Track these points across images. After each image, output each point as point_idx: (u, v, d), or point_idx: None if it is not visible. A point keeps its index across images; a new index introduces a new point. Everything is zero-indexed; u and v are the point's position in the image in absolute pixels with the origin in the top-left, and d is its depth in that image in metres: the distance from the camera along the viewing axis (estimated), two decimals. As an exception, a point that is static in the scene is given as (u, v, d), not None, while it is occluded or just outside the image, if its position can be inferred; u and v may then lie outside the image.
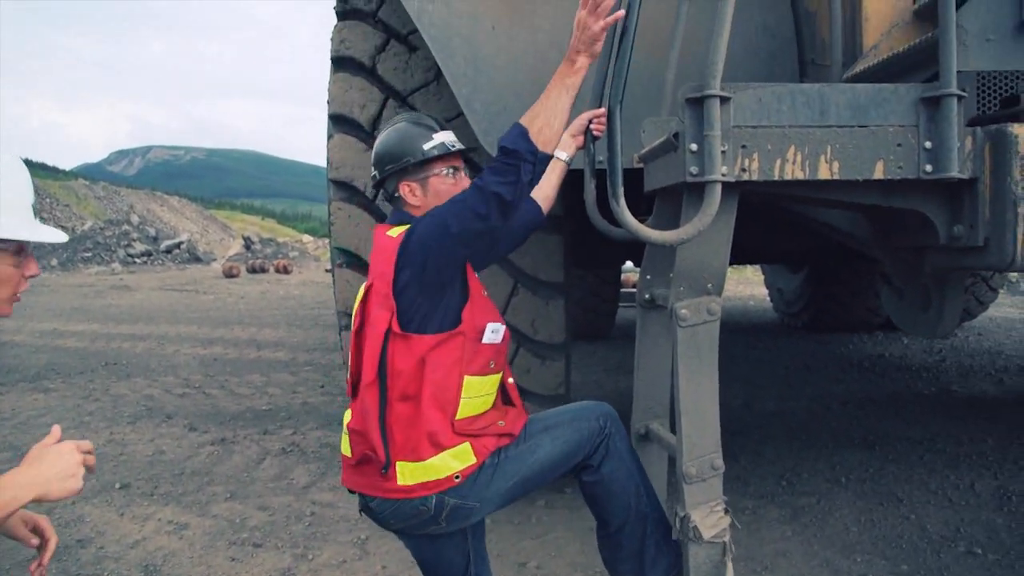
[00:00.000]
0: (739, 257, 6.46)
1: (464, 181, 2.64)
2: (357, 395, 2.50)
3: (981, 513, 4.48)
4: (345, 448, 2.57)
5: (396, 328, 2.39)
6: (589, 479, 2.66)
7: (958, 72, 2.25)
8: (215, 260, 36.17)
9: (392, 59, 4.04)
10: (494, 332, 2.49)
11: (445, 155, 2.58)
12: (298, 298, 19.68)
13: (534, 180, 2.38)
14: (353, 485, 2.57)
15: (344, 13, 4.18)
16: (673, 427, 2.53)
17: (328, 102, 4.16)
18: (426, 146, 2.56)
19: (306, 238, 49.21)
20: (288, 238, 51.43)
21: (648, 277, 2.81)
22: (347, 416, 2.58)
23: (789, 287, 11.77)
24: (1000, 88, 2.81)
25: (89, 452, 1.77)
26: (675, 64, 2.85)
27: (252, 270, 29.75)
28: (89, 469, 1.75)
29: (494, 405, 2.59)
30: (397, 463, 2.42)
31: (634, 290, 3.10)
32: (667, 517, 2.69)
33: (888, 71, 2.73)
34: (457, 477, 2.41)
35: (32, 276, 1.87)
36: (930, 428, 6.15)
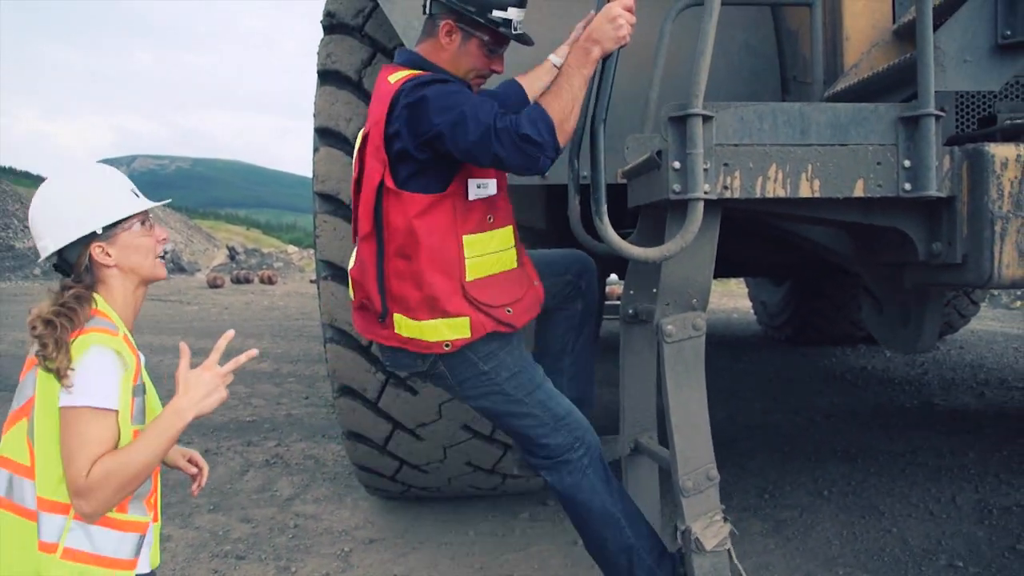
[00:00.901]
0: (722, 270, 6.51)
1: (499, 64, 2.64)
2: (356, 244, 2.58)
3: (962, 526, 4.51)
4: (350, 292, 2.67)
5: (389, 183, 2.41)
6: (556, 487, 2.69)
7: (936, 92, 2.29)
8: (199, 270, 36.04)
9: (378, 73, 4.07)
10: (480, 187, 2.50)
11: (501, 29, 2.53)
12: (282, 309, 19.64)
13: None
14: (358, 328, 2.66)
15: (331, 27, 4.20)
16: (662, 439, 2.55)
17: (314, 115, 4.17)
18: (497, 13, 2.50)
19: (291, 249, 49.13)
20: (273, 248, 51.32)
21: (631, 292, 2.83)
22: (351, 261, 2.66)
23: (773, 300, 11.81)
24: (977, 108, 2.86)
25: (227, 374, 2.13)
26: (658, 82, 2.88)
27: (237, 280, 29.64)
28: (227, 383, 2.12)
29: (519, 264, 2.61)
30: (394, 315, 2.49)
31: (617, 302, 3.12)
32: (655, 535, 2.72)
33: (868, 90, 2.77)
34: (447, 346, 2.47)
35: (163, 240, 2.21)
36: (912, 441, 6.19)
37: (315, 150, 4.16)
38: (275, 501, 5.19)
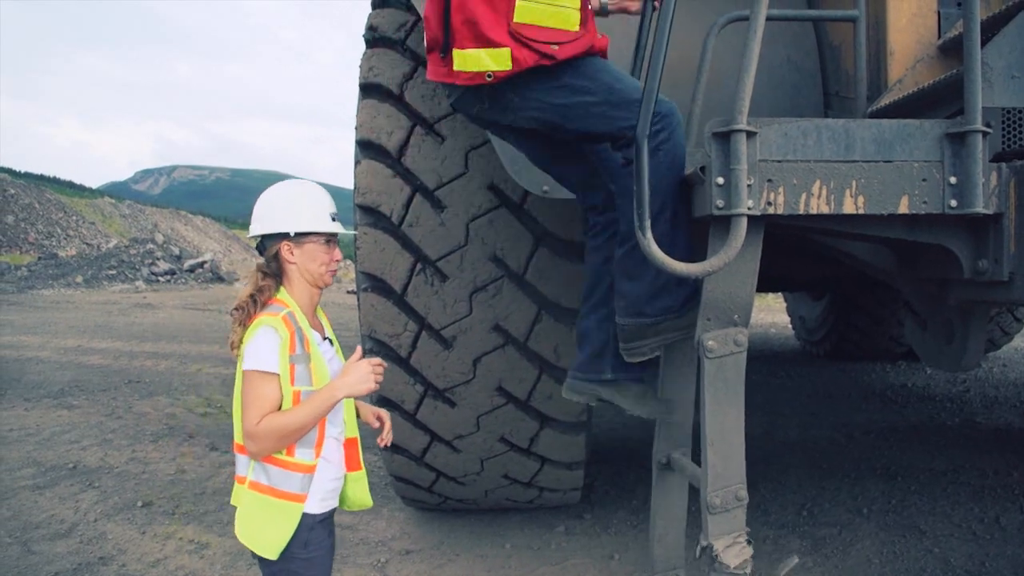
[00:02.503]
0: (761, 285, 6.48)
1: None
2: None
3: (1007, 547, 4.44)
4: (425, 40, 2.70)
5: None
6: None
7: (983, 108, 2.27)
8: (238, 280, 36.37)
9: (420, 86, 4.09)
10: None
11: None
12: (319, 319, 19.77)
13: None
14: (429, 74, 2.70)
15: (373, 41, 4.24)
16: (695, 457, 2.54)
17: (356, 128, 4.21)
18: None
19: (328, 259, 49.37)
20: (310, 258, 51.58)
21: (673, 307, 2.82)
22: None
23: (811, 315, 11.71)
24: (1025, 124, 2.83)
25: (379, 366, 2.56)
26: (702, 97, 2.88)
27: (274, 290, 29.85)
28: (377, 378, 2.55)
29: (581, 26, 2.54)
30: (453, 50, 2.53)
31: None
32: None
33: (913, 106, 2.75)
34: (489, 76, 2.48)
35: (337, 260, 2.69)
36: (954, 460, 6.11)
37: (356, 163, 4.19)
38: (312, 510, 5.22)
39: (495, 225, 3.92)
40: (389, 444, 2.99)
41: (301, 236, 2.58)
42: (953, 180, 2.31)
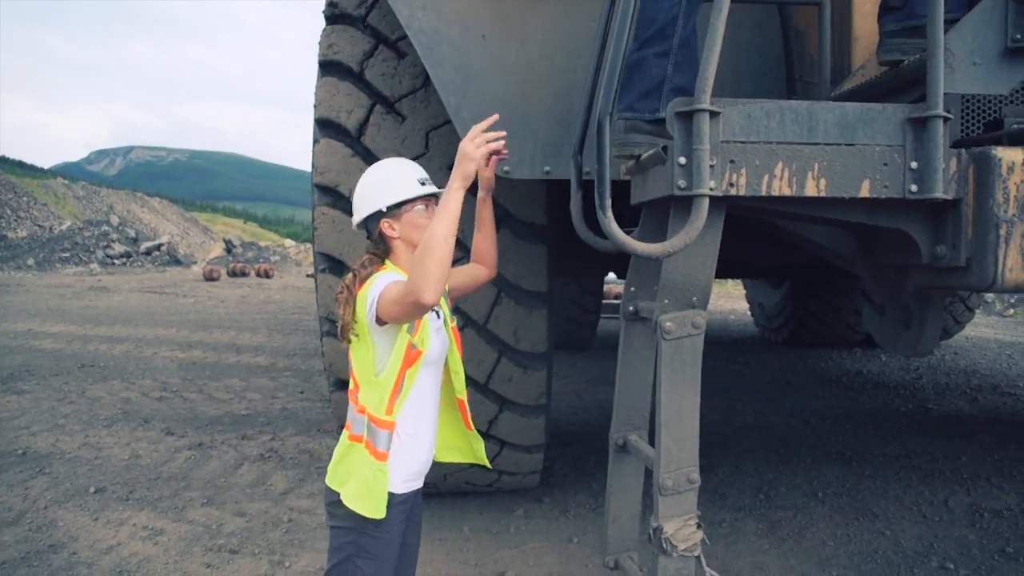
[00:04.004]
0: (721, 271, 6.51)
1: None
2: None
3: (954, 529, 4.51)
4: None
5: None
6: None
7: (944, 94, 2.27)
8: (195, 263, 35.94)
9: (380, 65, 4.04)
10: None
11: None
12: (279, 303, 19.60)
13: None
14: None
15: (333, 17, 4.17)
16: (652, 439, 2.53)
17: (315, 106, 4.15)
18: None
19: (288, 242, 48.94)
20: (270, 242, 51.15)
21: (632, 289, 2.81)
22: None
23: (770, 302, 11.83)
24: (984, 112, 2.85)
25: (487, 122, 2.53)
26: (664, 78, 2.86)
27: (233, 274, 29.56)
28: (487, 137, 2.50)
29: None
30: None
31: (616, 301, 3.10)
32: None
33: (876, 91, 2.75)
34: None
35: None
36: (906, 445, 6.20)
37: (315, 141, 4.13)
38: (269, 495, 5.17)
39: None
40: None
41: (395, 208, 2.56)
42: (914, 165, 2.31)
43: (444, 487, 4.66)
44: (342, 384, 4.20)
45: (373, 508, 2.44)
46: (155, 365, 10.05)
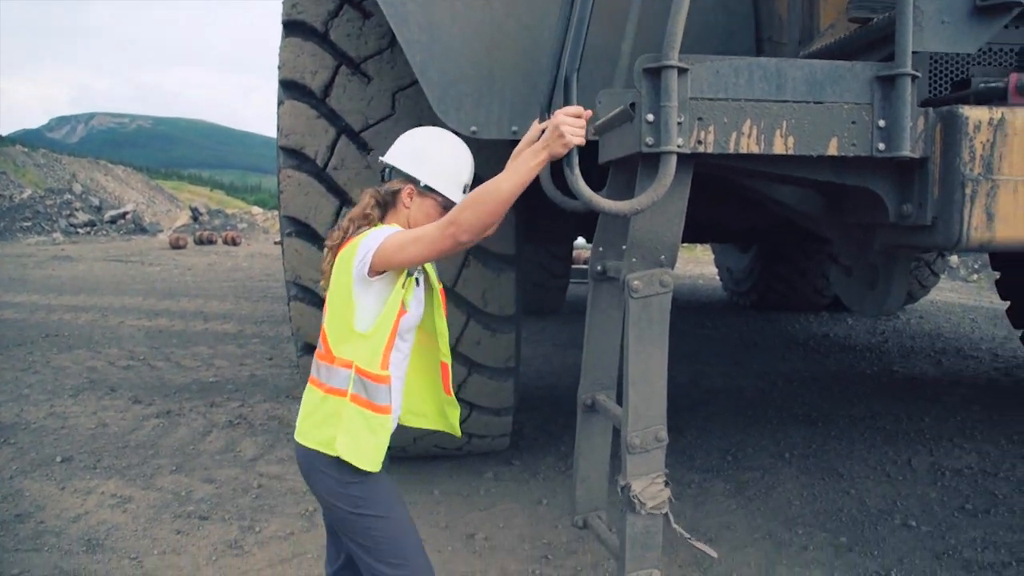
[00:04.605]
0: (690, 235, 6.52)
1: None
2: None
3: (917, 487, 4.59)
4: None
5: None
6: None
7: (913, 53, 2.27)
8: (161, 231, 35.50)
9: (345, 24, 3.97)
10: None
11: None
12: (246, 270, 19.43)
13: None
14: None
15: (297, -23, 4.09)
16: (620, 399, 2.53)
17: (279, 67, 4.08)
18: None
19: (255, 210, 48.38)
20: (237, 210, 50.53)
21: (600, 249, 2.80)
22: None
23: (738, 266, 11.89)
24: (952, 71, 2.85)
25: (577, 117, 2.27)
26: (632, 35, 2.83)
27: (200, 241, 29.22)
28: (575, 130, 2.26)
29: None
30: None
31: (585, 266, 3.09)
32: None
33: (844, 50, 2.74)
34: None
35: None
36: (872, 406, 6.29)
37: (280, 103, 4.07)
38: (238, 462, 5.15)
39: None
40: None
41: (428, 189, 2.53)
42: (882, 123, 2.31)
43: (414, 451, 4.66)
44: (310, 348, 4.17)
45: (371, 460, 2.42)
46: (121, 334, 9.94)
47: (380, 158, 2.66)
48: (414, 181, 2.53)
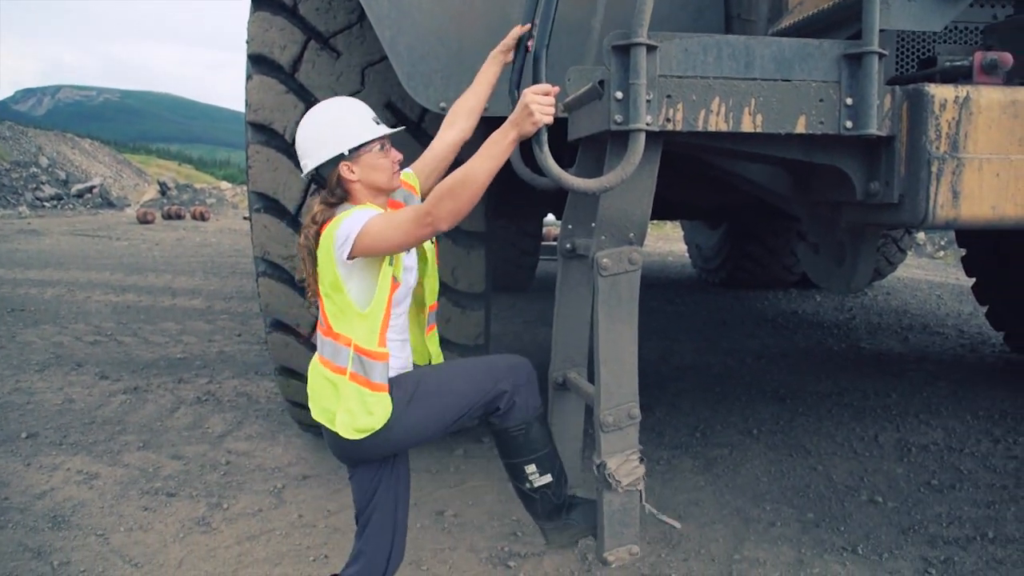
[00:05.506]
0: (659, 212, 6.53)
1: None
2: None
3: (883, 464, 4.65)
4: None
5: None
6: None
7: (880, 31, 2.27)
8: (129, 205, 35.12)
9: (314, -1, 3.93)
10: None
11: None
12: (215, 245, 19.28)
13: None
14: None
15: (265, -51, 4.03)
16: (591, 376, 2.54)
17: (247, 42, 4.03)
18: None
19: (224, 185, 47.95)
20: (206, 184, 50.04)
21: (569, 227, 2.80)
22: None
23: (707, 244, 11.95)
24: (918, 49, 2.87)
25: (547, 95, 2.28)
26: (602, 12, 2.82)
27: (168, 216, 28.95)
28: (544, 109, 2.26)
29: None
30: None
31: (555, 243, 3.09)
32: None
33: (812, 28, 2.74)
34: None
35: (398, 160, 2.58)
36: (839, 383, 6.35)
37: (248, 78, 4.02)
38: (207, 438, 5.12)
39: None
40: None
41: (355, 151, 2.48)
42: (849, 101, 2.32)
43: (384, 428, 4.65)
44: (279, 325, 4.15)
45: (371, 422, 2.42)
46: (88, 309, 9.83)
47: (301, 175, 2.63)
48: (339, 158, 2.49)
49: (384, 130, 2.56)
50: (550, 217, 9.34)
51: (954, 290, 11.53)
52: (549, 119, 2.26)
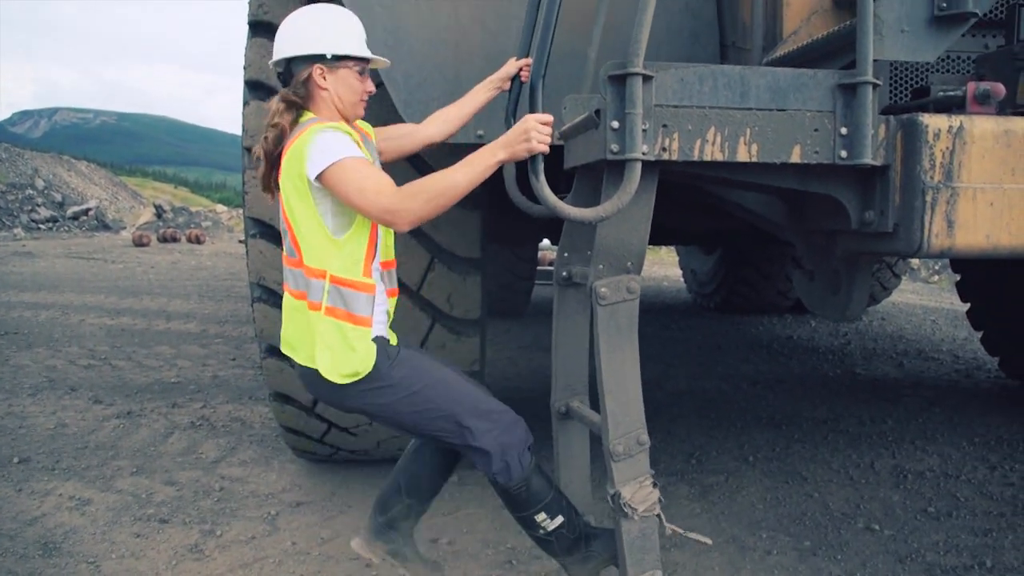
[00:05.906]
0: (654, 237, 6.56)
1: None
2: None
3: (879, 491, 4.63)
4: None
5: None
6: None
7: (874, 61, 2.29)
8: (124, 228, 35.11)
9: (312, 26, 3.95)
10: None
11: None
12: (210, 269, 19.25)
13: None
14: None
15: (263, -24, 4.06)
16: (594, 404, 2.54)
17: (245, 67, 4.05)
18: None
19: (220, 208, 48.00)
20: (201, 207, 50.08)
21: (566, 255, 2.81)
22: None
23: (702, 269, 11.97)
24: (911, 79, 2.89)
25: (546, 124, 2.30)
26: (598, 41, 2.84)
27: (163, 239, 28.93)
28: (541, 138, 2.28)
29: None
30: None
31: (551, 268, 3.10)
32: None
33: (807, 57, 2.76)
34: None
35: (370, 91, 2.56)
36: (834, 409, 6.34)
37: (245, 104, 4.03)
38: (200, 464, 5.09)
39: (387, 170, 3.83)
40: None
41: (337, 60, 2.42)
42: (844, 131, 2.33)
43: (377, 454, 4.64)
44: (274, 351, 4.14)
45: (361, 363, 2.36)
46: (82, 332, 9.80)
47: (270, 62, 2.55)
48: (319, 59, 2.42)
49: (369, 54, 2.53)
50: (545, 242, 9.35)
51: (949, 315, 11.55)
52: (545, 148, 2.27)
